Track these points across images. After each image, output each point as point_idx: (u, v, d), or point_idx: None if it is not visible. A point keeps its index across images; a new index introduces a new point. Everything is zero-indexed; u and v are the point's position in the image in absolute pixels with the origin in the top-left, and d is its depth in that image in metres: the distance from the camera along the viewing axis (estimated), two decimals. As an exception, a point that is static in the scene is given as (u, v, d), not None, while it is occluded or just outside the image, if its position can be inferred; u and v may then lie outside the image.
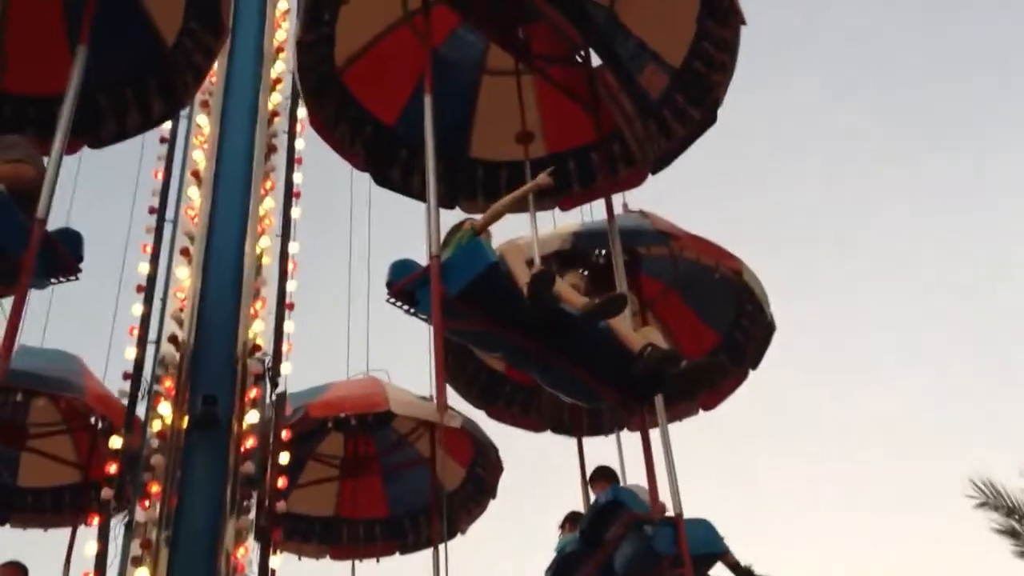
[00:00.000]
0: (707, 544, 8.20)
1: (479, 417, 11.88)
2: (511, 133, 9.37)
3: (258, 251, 8.49)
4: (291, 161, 9.19)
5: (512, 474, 12.01)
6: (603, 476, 9.29)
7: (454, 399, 11.65)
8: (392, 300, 6.69)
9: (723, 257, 10.13)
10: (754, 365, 11.23)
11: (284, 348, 8.13)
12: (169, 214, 8.79)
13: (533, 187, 7.63)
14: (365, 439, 12.66)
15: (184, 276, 8.29)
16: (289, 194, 9.01)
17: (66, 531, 11.54)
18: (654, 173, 9.16)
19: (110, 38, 7.64)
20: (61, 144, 6.29)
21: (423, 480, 12.69)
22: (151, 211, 8.73)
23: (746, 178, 33.23)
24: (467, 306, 6.42)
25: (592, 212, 9.76)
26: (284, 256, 8.60)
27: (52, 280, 6.44)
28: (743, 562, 8.24)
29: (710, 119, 8.75)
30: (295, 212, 9.01)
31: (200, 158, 8.88)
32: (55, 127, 6.43)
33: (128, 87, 8.59)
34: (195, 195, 8.67)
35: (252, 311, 8.16)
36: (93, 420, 11.37)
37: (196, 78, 8.45)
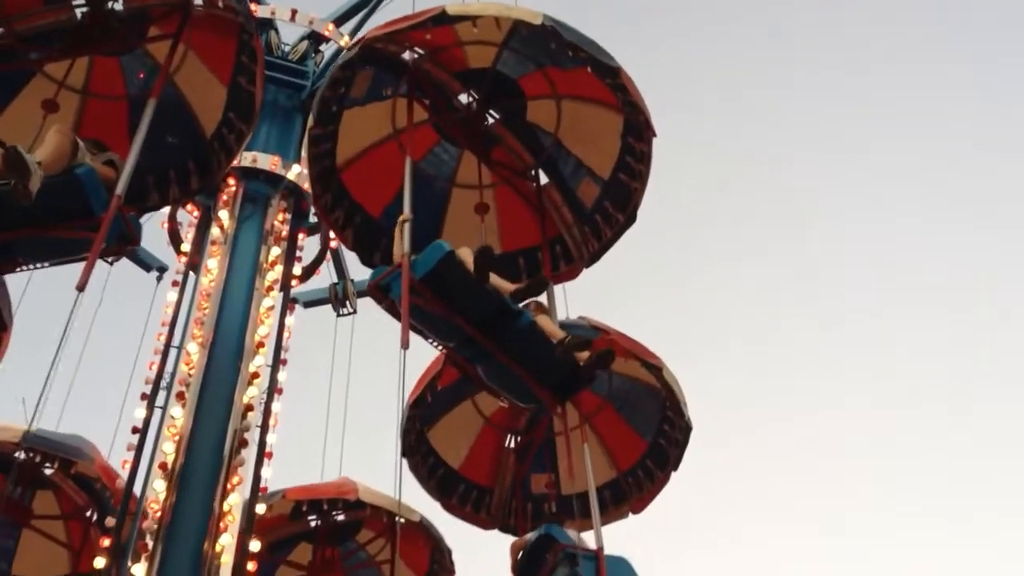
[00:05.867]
0: (624, 579, 9.66)
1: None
2: (474, 234, 10.95)
3: (218, 549, 8.78)
4: (261, 456, 9.68)
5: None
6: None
7: (414, 496, 13.13)
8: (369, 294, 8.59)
9: (646, 354, 11.77)
10: (675, 467, 12.68)
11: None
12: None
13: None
14: (332, 550, 14.00)
15: (139, 574, 8.45)
16: (255, 490, 9.48)
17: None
18: (587, 267, 10.90)
19: (160, 135, 9.57)
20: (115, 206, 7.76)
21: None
22: (115, 504, 9.42)
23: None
24: (429, 291, 8.19)
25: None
26: (243, 552, 9.07)
27: (117, 249, 8.17)
28: None
29: (631, 220, 10.47)
30: (259, 509, 9.46)
31: (170, 450, 9.14)
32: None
33: (172, 169, 10.24)
34: (160, 488, 8.88)
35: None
36: (88, 513, 12.84)
37: (228, 157, 10.16)
